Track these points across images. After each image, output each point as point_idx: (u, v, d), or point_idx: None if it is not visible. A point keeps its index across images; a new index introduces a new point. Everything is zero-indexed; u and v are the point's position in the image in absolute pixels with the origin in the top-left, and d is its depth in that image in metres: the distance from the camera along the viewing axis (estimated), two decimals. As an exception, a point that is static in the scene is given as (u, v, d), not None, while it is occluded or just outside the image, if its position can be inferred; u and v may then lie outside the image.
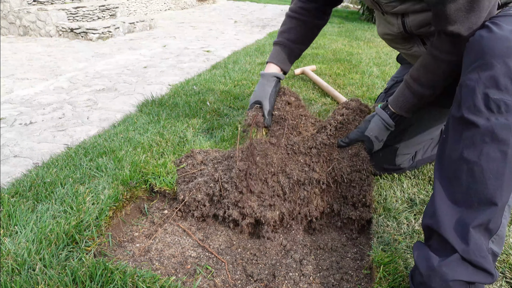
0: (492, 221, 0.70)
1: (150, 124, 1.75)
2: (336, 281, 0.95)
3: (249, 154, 1.14)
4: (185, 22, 6.66)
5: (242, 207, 1.09)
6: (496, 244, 0.72)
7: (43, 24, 5.13)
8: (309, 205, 1.14)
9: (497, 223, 0.70)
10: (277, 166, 1.14)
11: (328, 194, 1.17)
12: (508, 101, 0.70)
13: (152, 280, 0.85)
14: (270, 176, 1.13)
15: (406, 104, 1.10)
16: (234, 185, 1.11)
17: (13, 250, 0.91)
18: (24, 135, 1.90)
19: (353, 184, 1.14)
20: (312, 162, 1.17)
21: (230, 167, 1.17)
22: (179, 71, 3.25)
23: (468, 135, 0.74)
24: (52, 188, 1.19)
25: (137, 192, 1.26)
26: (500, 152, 0.70)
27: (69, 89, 2.72)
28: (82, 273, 0.84)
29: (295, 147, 1.21)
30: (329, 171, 1.16)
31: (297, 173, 1.15)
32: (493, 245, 0.71)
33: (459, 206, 0.74)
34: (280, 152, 1.18)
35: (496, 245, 0.72)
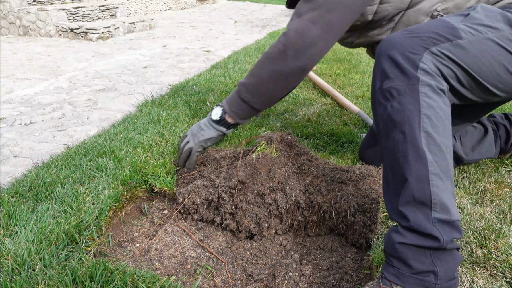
0: (416, 194, 0.73)
1: (150, 124, 1.75)
2: (336, 281, 0.95)
3: (252, 166, 1.11)
4: (185, 22, 6.66)
5: (239, 221, 1.09)
6: (440, 212, 0.73)
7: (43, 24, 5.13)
8: (305, 230, 1.12)
9: (425, 194, 0.73)
10: (277, 182, 1.09)
11: (326, 226, 1.11)
12: (397, 86, 0.79)
13: (152, 280, 0.85)
14: (268, 192, 1.08)
15: (236, 108, 1.12)
16: (231, 197, 1.09)
17: (13, 250, 0.91)
18: (24, 135, 1.90)
19: (355, 226, 1.05)
20: (321, 185, 1.10)
21: (231, 176, 1.14)
22: (179, 71, 3.25)
23: (381, 127, 0.82)
24: (52, 188, 1.19)
25: (137, 192, 1.26)
26: (401, 133, 0.77)
27: (69, 89, 2.72)
28: (82, 273, 0.84)
29: (304, 168, 1.16)
30: (334, 200, 1.07)
31: (297, 193, 1.08)
32: (437, 214, 0.73)
33: (389, 192, 0.80)
34: (285, 170, 1.13)
35: (440, 213, 0.73)
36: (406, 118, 0.77)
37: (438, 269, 0.71)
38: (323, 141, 1.65)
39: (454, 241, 0.74)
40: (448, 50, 0.81)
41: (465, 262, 0.93)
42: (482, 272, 0.90)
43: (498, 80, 0.86)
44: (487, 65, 0.84)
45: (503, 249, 0.95)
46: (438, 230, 0.72)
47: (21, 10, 5.19)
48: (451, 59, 0.81)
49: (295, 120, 1.91)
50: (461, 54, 0.82)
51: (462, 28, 0.84)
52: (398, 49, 0.81)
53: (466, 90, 0.87)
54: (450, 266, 0.73)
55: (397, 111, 0.78)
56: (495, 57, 0.83)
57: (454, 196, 0.77)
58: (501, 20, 0.86)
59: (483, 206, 1.16)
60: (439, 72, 0.81)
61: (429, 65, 0.80)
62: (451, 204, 0.74)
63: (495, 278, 0.89)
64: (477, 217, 1.10)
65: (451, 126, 1.18)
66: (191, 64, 3.53)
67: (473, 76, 0.84)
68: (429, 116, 0.76)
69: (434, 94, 0.78)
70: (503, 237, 0.99)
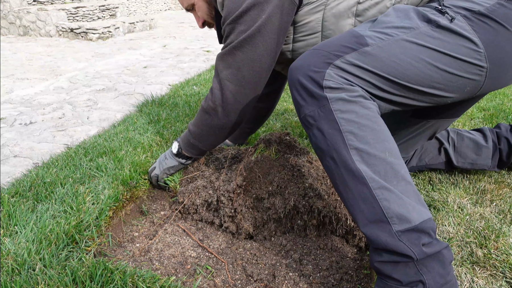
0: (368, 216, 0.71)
1: (150, 124, 1.75)
2: (336, 281, 0.95)
3: (250, 170, 1.10)
4: (185, 22, 6.66)
5: (238, 223, 1.09)
6: (400, 223, 0.69)
7: (43, 24, 5.13)
8: (305, 231, 1.11)
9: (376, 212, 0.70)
10: (276, 185, 1.08)
11: (326, 230, 1.09)
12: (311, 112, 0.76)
13: (152, 280, 0.85)
14: (267, 196, 1.08)
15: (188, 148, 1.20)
16: (230, 200, 1.09)
17: (13, 250, 0.91)
18: (24, 135, 1.90)
19: (355, 232, 1.05)
20: (321, 189, 1.08)
21: (230, 179, 1.14)
22: (179, 71, 3.25)
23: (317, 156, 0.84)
24: (52, 188, 1.19)
25: (137, 192, 1.26)
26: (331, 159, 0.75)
27: (69, 89, 2.72)
28: (82, 273, 0.84)
29: (304, 170, 1.13)
30: (334, 205, 1.06)
31: (296, 198, 1.05)
32: (397, 227, 0.69)
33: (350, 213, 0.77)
34: (284, 172, 1.11)
35: (400, 225, 0.69)
36: (330, 143, 0.74)
37: (425, 278, 0.68)
38: (323, 141, 1.64)
39: (434, 243, 0.70)
40: (355, 59, 0.77)
41: (465, 262, 0.93)
42: (482, 272, 0.90)
43: (430, 80, 0.80)
44: (408, 67, 0.78)
45: (503, 249, 0.95)
46: (405, 244, 0.68)
47: (21, 10, 5.19)
48: (361, 68, 0.76)
49: (295, 120, 1.91)
50: (372, 61, 0.77)
51: (369, 35, 0.79)
52: (301, 72, 0.77)
53: (397, 96, 0.81)
54: (438, 272, 0.69)
55: (319, 139, 0.76)
56: (414, 57, 0.78)
57: (415, 195, 0.72)
58: (414, 17, 0.81)
59: (483, 206, 1.16)
60: (348, 82, 0.76)
61: (335, 79, 0.75)
62: (408, 211, 0.69)
63: (495, 278, 0.89)
64: (477, 217, 1.10)
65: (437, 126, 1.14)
66: (191, 64, 3.54)
67: (394, 81, 0.78)
68: (352, 132, 0.73)
69: (349, 104, 0.74)
70: (503, 237, 0.99)
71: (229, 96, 1.05)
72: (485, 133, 1.28)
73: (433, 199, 1.19)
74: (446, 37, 0.79)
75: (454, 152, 1.28)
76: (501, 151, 1.25)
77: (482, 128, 1.31)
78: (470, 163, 1.27)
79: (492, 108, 2.05)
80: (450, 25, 0.79)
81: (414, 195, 0.72)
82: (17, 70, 3.31)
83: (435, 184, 1.29)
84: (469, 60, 0.80)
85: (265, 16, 0.96)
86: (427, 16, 0.81)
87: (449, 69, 0.80)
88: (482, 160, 1.26)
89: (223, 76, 1.05)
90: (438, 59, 0.79)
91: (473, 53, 0.80)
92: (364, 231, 0.73)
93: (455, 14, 0.81)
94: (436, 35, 0.79)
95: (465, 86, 0.84)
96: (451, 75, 0.81)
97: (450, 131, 1.31)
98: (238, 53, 1.00)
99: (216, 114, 1.09)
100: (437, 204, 1.15)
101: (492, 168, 1.28)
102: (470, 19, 0.80)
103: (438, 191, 1.24)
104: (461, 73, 0.81)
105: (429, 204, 1.16)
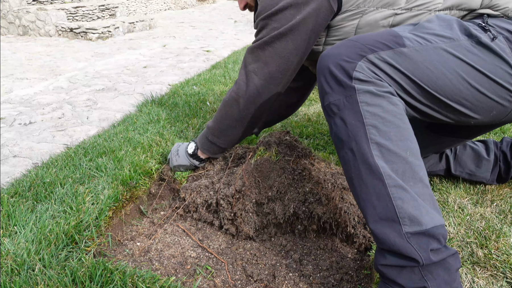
0: (380, 213, 0.69)
1: (150, 124, 1.75)
2: (336, 281, 0.95)
3: (250, 174, 1.09)
4: (185, 21, 6.66)
5: (238, 226, 1.09)
6: (411, 225, 0.67)
7: (42, 24, 5.13)
8: (305, 234, 1.11)
9: (389, 210, 0.68)
10: (275, 190, 1.06)
11: (327, 235, 1.09)
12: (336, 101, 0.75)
13: (152, 281, 0.85)
14: (266, 201, 1.07)
15: (206, 146, 1.23)
16: (229, 204, 1.09)
17: (13, 250, 0.91)
18: (23, 135, 1.90)
19: (355, 239, 1.03)
20: (322, 193, 1.06)
21: (230, 182, 1.13)
22: (179, 71, 3.25)
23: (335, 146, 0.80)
24: (52, 188, 1.19)
25: (137, 192, 1.26)
26: (349, 151, 0.74)
27: (69, 89, 2.72)
28: (82, 273, 0.84)
29: (305, 173, 1.10)
30: (334, 211, 1.03)
31: (295, 204, 1.04)
32: (408, 228, 0.67)
33: (360, 209, 0.75)
34: (284, 176, 1.09)
35: (411, 226, 0.67)
36: (351, 134, 0.72)
37: (429, 284, 0.67)
38: (323, 141, 1.64)
39: (442, 250, 0.68)
40: (389, 57, 0.75)
41: (466, 263, 0.93)
42: (482, 272, 0.90)
43: (459, 95, 0.78)
44: (440, 76, 0.76)
45: (504, 249, 0.95)
46: (413, 247, 0.67)
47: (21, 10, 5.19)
48: (393, 67, 0.75)
49: (295, 120, 1.91)
50: (406, 62, 0.75)
51: (408, 37, 0.78)
52: (332, 60, 0.76)
53: (423, 105, 0.79)
54: (443, 279, 0.67)
55: (341, 128, 0.74)
56: (449, 68, 0.76)
57: (430, 199, 0.70)
58: (456, 28, 0.79)
59: (484, 206, 1.16)
60: (378, 77, 0.74)
61: (365, 72, 0.73)
62: (421, 213, 0.68)
63: (495, 279, 0.88)
64: (478, 217, 1.10)
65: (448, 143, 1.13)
66: (191, 64, 3.53)
67: (423, 88, 0.76)
68: (375, 126, 0.71)
69: (376, 98, 0.72)
70: (504, 237, 0.99)
71: (253, 88, 1.08)
72: (488, 145, 1.24)
73: (434, 199, 1.19)
74: (484, 55, 0.77)
75: (454, 160, 1.25)
76: (500, 167, 1.22)
77: (486, 140, 1.27)
78: (468, 173, 1.24)
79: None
80: (490, 43, 0.77)
81: (430, 199, 0.70)
82: (16, 70, 3.31)
83: (435, 184, 1.29)
84: (503, 83, 0.78)
85: (300, 17, 0.97)
86: (469, 30, 0.79)
87: (480, 88, 0.78)
88: (481, 172, 1.22)
89: (250, 69, 1.07)
90: (472, 76, 0.77)
91: (508, 77, 0.78)
92: (372, 228, 0.71)
93: (498, 34, 0.79)
94: (475, 51, 0.77)
95: (492, 109, 0.82)
96: (481, 95, 0.79)
97: None
98: (268, 48, 1.02)
99: (238, 105, 1.11)
100: (438, 204, 1.15)
101: (490, 182, 1.23)
102: (511, 42, 0.79)
103: (439, 191, 1.24)
104: (492, 95, 0.79)
105: (429, 204, 1.16)
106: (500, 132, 1.74)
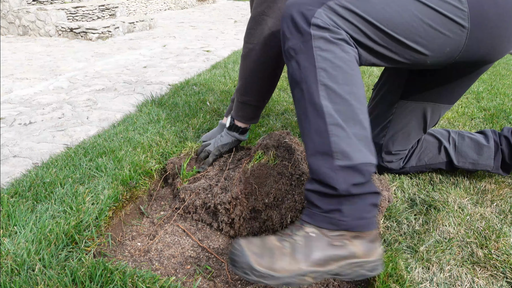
0: (317, 147, 0.77)
1: (150, 124, 1.75)
2: (336, 282, 0.95)
3: (246, 181, 1.08)
4: (185, 22, 6.66)
5: (236, 230, 1.09)
6: (342, 159, 0.75)
7: (42, 24, 5.13)
8: None
9: (325, 145, 0.76)
10: (272, 197, 1.04)
11: None
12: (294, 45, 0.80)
13: (152, 281, 0.85)
14: (264, 208, 1.05)
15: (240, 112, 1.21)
16: (227, 210, 1.09)
17: (13, 250, 0.91)
18: (23, 135, 1.90)
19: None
20: None
21: (227, 188, 1.12)
22: (179, 71, 3.25)
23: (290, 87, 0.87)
24: (52, 188, 1.19)
25: (137, 192, 1.26)
26: (300, 90, 0.81)
27: (69, 89, 2.72)
28: (82, 273, 0.84)
29: (303, 178, 1.07)
30: None
31: (293, 214, 1.02)
32: (339, 162, 0.75)
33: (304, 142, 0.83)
34: (282, 182, 1.06)
35: (342, 160, 0.75)
36: (303, 75, 0.79)
37: (343, 208, 0.75)
38: (323, 141, 1.64)
39: (365, 185, 0.76)
40: (348, 2, 0.80)
41: (466, 262, 0.93)
42: (482, 272, 0.90)
43: (414, 32, 0.82)
44: (395, 15, 0.81)
45: (504, 249, 0.95)
46: (338, 178, 0.75)
47: (21, 10, 5.19)
48: (352, 11, 0.80)
49: (295, 120, 1.91)
50: (363, 5, 0.80)
51: None
52: (295, 7, 0.81)
53: (380, 46, 0.84)
54: (359, 207, 0.76)
55: (296, 70, 0.80)
56: (403, 6, 0.81)
57: (365, 140, 0.78)
58: None
59: (484, 206, 1.16)
60: (335, 24, 0.79)
61: (323, 19, 0.79)
62: (353, 150, 0.76)
63: (495, 278, 0.88)
64: (478, 217, 1.10)
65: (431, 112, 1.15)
66: (191, 64, 3.53)
67: (382, 29, 0.81)
68: (325, 69, 0.77)
69: (330, 44, 0.78)
70: (504, 237, 0.99)
71: (266, 31, 1.06)
72: (486, 133, 1.27)
73: (434, 199, 1.18)
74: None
75: (455, 151, 1.26)
76: (503, 152, 1.23)
77: (484, 130, 1.30)
78: (471, 163, 1.25)
79: (492, 108, 2.05)
80: None
81: (365, 140, 0.78)
82: (16, 70, 3.31)
83: (435, 184, 1.29)
84: (452, 16, 0.82)
85: None
86: None
87: (432, 24, 0.82)
88: (483, 160, 1.24)
89: (259, 12, 1.05)
90: (424, 12, 0.82)
91: (456, 10, 0.82)
92: (309, 161, 0.79)
93: None
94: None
95: (445, 45, 0.86)
96: (433, 30, 0.83)
97: (451, 131, 1.30)
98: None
99: (256, 54, 1.10)
100: (438, 204, 1.15)
101: (495, 170, 1.24)
102: None
103: (439, 191, 1.24)
104: (443, 29, 0.83)
105: (429, 204, 1.16)
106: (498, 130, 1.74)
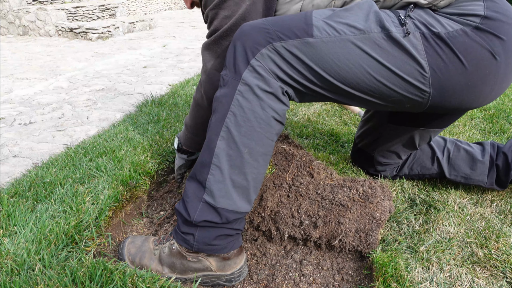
0: (197, 175, 0.85)
1: (150, 124, 1.75)
2: (336, 282, 0.95)
3: None
4: (185, 21, 6.66)
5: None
6: (210, 196, 0.83)
7: (42, 24, 5.13)
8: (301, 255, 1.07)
9: (202, 177, 0.84)
10: (269, 211, 1.02)
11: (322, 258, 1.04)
12: (226, 76, 0.83)
13: (152, 281, 0.85)
14: (261, 220, 1.04)
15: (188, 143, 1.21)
16: None
17: (13, 250, 0.91)
18: (23, 135, 1.90)
19: (348, 262, 1.01)
20: (318, 215, 1.00)
21: None
22: (179, 71, 3.25)
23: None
24: (52, 188, 1.19)
25: (136, 192, 1.26)
26: (212, 118, 0.86)
27: (69, 89, 2.72)
28: (82, 273, 0.84)
29: (302, 189, 1.04)
30: (331, 236, 1.00)
31: (290, 230, 1.00)
32: (207, 197, 0.83)
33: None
34: (278, 194, 1.03)
35: (209, 197, 0.83)
36: (218, 108, 0.83)
37: (196, 234, 0.86)
38: (323, 141, 1.64)
39: (218, 227, 0.85)
40: (295, 47, 0.78)
41: (466, 262, 0.93)
42: (482, 272, 0.90)
43: (364, 87, 0.81)
44: (344, 68, 0.79)
45: (504, 249, 0.95)
46: (195, 208, 0.84)
47: (21, 10, 5.19)
48: (295, 56, 0.79)
49: (295, 120, 1.91)
50: (310, 52, 0.78)
51: (319, 26, 0.79)
52: (243, 39, 0.81)
53: (324, 90, 0.83)
54: (207, 236, 0.86)
55: (217, 99, 0.84)
56: (353, 61, 0.78)
57: (243, 191, 0.84)
58: (371, 20, 0.79)
59: (484, 206, 1.16)
60: (271, 73, 0.79)
61: (263, 62, 0.79)
62: (221, 195, 0.82)
63: (495, 278, 0.88)
64: (478, 217, 1.10)
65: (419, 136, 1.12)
66: (191, 64, 3.53)
67: (326, 78, 0.80)
68: (235, 114, 0.80)
69: (252, 95, 0.79)
70: (504, 237, 0.99)
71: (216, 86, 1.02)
72: (484, 147, 1.20)
73: (434, 199, 1.18)
74: (393, 50, 0.78)
75: (448, 164, 1.21)
76: (498, 168, 1.15)
77: (483, 142, 1.22)
78: (463, 177, 1.19)
79: (492, 108, 2.05)
80: (401, 39, 0.77)
81: (242, 191, 0.84)
82: (16, 70, 3.31)
83: (435, 184, 1.29)
84: (411, 80, 0.79)
85: (249, 1, 0.92)
86: (383, 23, 0.78)
87: (386, 83, 0.80)
88: (476, 175, 1.18)
89: (210, 67, 1.02)
90: (377, 70, 0.79)
91: (417, 74, 0.79)
92: (187, 180, 0.88)
93: (415, 30, 0.78)
94: (384, 44, 0.78)
95: (403, 102, 0.84)
96: (387, 89, 0.81)
97: (448, 141, 1.24)
98: (224, 42, 0.97)
99: (204, 104, 1.08)
100: (438, 204, 1.15)
101: (489, 185, 1.17)
102: (427, 39, 0.78)
103: (439, 191, 1.24)
104: (400, 90, 0.81)
105: (429, 204, 1.16)
106: (500, 132, 1.74)
